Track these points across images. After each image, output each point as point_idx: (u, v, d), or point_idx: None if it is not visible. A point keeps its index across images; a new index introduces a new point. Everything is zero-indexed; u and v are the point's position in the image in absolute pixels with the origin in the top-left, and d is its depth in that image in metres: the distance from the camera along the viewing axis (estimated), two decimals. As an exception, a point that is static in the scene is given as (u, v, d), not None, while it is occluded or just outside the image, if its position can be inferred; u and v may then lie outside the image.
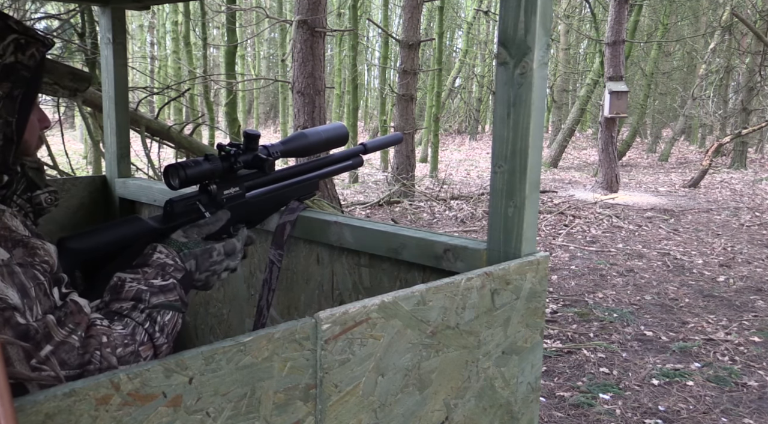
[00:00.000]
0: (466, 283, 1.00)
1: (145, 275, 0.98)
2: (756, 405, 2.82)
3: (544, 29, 1.09)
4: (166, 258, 1.03)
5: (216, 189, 1.21)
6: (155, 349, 0.93)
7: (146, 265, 1.00)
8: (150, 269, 1.00)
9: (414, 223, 7.14)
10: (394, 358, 0.91)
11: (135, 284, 0.96)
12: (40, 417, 0.60)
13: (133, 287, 0.96)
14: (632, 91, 16.74)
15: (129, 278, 0.97)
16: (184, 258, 1.06)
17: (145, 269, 1.00)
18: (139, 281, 0.97)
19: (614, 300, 4.34)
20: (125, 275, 0.98)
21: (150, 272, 0.99)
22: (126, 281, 0.97)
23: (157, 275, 0.99)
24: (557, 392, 2.92)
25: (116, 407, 0.65)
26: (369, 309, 0.86)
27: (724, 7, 14.35)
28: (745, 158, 14.26)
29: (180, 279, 1.02)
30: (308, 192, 1.48)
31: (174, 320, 0.97)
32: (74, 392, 0.62)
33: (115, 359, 0.85)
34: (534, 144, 1.13)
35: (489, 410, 1.09)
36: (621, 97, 9.05)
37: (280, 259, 1.39)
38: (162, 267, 1.01)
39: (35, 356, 0.77)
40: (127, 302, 0.94)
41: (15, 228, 0.84)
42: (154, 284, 0.98)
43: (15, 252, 0.82)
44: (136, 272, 0.99)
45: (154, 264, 1.01)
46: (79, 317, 0.85)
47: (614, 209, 8.03)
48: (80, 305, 0.86)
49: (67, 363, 0.80)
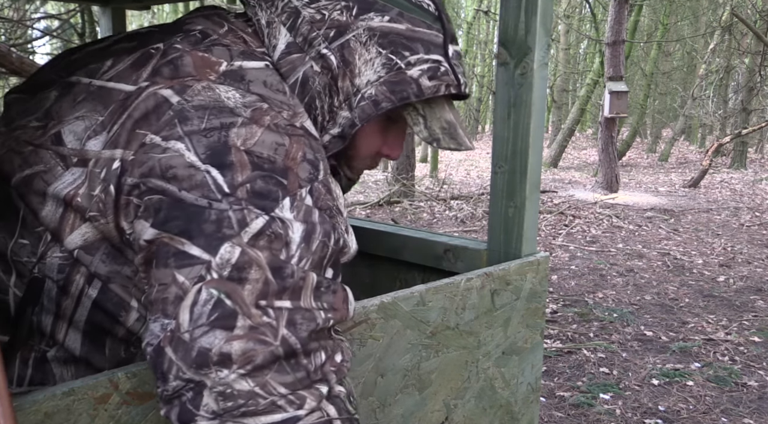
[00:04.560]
0: (466, 283, 1.00)
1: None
2: (756, 405, 2.82)
3: (545, 29, 1.09)
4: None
5: None
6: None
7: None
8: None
9: (414, 223, 7.14)
10: (393, 358, 0.91)
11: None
12: (39, 416, 0.60)
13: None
14: (632, 91, 16.74)
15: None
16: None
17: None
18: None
19: (614, 300, 4.34)
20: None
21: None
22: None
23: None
24: (557, 392, 2.92)
25: (115, 406, 0.65)
26: (368, 309, 0.86)
27: (724, 7, 14.35)
28: (745, 158, 14.27)
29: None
30: None
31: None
32: (73, 391, 0.62)
33: (326, 388, 0.67)
34: (534, 144, 1.12)
35: (489, 410, 1.09)
36: (621, 97, 9.05)
37: None
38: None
39: (269, 299, 0.64)
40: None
41: (335, 196, 0.76)
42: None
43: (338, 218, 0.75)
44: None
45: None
46: (340, 305, 0.71)
47: (614, 209, 8.03)
48: (348, 295, 0.73)
49: (296, 331, 0.65)
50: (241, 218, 0.65)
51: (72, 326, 0.75)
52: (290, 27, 0.83)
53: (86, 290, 0.74)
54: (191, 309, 0.62)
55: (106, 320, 0.75)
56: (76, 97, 0.77)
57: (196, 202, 0.66)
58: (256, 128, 0.71)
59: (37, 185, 0.74)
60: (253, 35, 0.86)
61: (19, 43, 5.54)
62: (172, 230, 0.65)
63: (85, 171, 0.72)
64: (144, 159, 0.68)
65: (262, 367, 0.63)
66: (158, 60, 0.76)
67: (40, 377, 0.76)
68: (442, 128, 0.87)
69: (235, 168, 0.67)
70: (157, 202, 0.67)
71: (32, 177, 0.74)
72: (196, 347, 0.61)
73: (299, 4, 0.84)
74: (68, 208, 0.72)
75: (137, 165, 0.69)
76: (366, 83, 0.82)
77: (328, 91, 0.83)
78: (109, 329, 0.76)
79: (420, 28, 0.84)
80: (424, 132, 0.86)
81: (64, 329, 0.75)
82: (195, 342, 0.61)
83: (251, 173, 0.68)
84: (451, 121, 0.89)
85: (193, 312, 0.62)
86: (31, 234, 0.74)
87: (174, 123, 0.70)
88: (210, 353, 0.61)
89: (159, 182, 0.67)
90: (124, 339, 0.77)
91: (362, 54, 0.82)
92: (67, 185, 0.72)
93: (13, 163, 0.76)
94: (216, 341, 0.61)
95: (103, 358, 0.77)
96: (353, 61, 0.82)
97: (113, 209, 0.70)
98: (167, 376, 0.62)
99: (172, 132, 0.69)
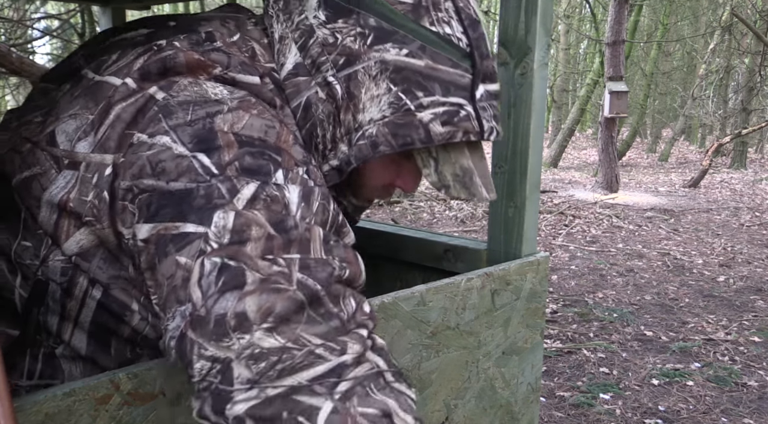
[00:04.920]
0: (467, 283, 1.00)
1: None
2: (756, 405, 2.82)
3: (545, 29, 1.09)
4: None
5: None
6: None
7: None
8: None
9: (414, 223, 7.13)
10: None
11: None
12: (39, 417, 0.60)
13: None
14: (632, 91, 16.74)
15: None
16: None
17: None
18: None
19: (614, 300, 4.34)
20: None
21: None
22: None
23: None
24: (557, 392, 2.92)
25: (116, 406, 0.65)
26: (369, 309, 0.86)
27: (724, 7, 14.35)
28: (745, 158, 14.26)
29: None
30: None
31: None
32: (74, 392, 0.62)
33: (367, 336, 0.63)
34: (534, 145, 1.12)
35: (489, 410, 1.09)
36: (621, 97, 9.04)
37: None
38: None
39: (275, 253, 0.61)
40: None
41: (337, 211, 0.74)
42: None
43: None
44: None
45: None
46: (353, 259, 0.68)
47: (614, 209, 8.03)
48: (357, 254, 0.69)
49: (313, 274, 0.62)
50: (231, 187, 0.63)
51: (77, 327, 0.75)
52: (301, 46, 0.79)
53: (90, 292, 0.74)
54: (199, 284, 0.60)
55: (111, 321, 0.75)
56: (74, 93, 0.77)
57: (184, 187, 0.64)
58: (243, 113, 0.69)
59: (35, 190, 0.73)
60: (266, 47, 0.82)
61: (19, 43, 5.55)
62: (164, 219, 0.64)
63: (76, 174, 0.71)
64: (133, 159, 0.68)
65: (286, 317, 0.58)
66: (151, 56, 0.75)
67: (50, 371, 0.75)
68: (455, 175, 0.81)
69: (222, 149, 0.66)
70: (147, 199, 0.66)
71: (30, 180, 0.74)
72: (212, 318, 0.58)
73: (315, 23, 0.79)
74: (63, 214, 0.72)
75: (127, 167, 0.68)
76: (369, 121, 0.77)
77: (331, 120, 0.78)
78: (114, 329, 0.75)
79: (442, 66, 0.77)
80: (433, 176, 0.80)
81: (69, 329, 0.75)
82: (210, 314, 0.58)
83: (239, 150, 0.66)
84: (467, 168, 0.81)
85: (201, 286, 0.60)
86: (33, 236, 0.74)
87: (159, 118, 0.69)
88: (226, 319, 0.58)
89: (150, 181, 0.66)
90: (129, 339, 0.76)
91: (369, 88, 0.76)
92: (60, 190, 0.72)
93: (14, 163, 0.76)
94: (228, 304, 0.58)
95: (108, 358, 0.77)
96: (358, 95, 0.76)
97: (108, 215, 0.70)
98: (191, 359, 0.59)
99: (158, 127, 0.68)
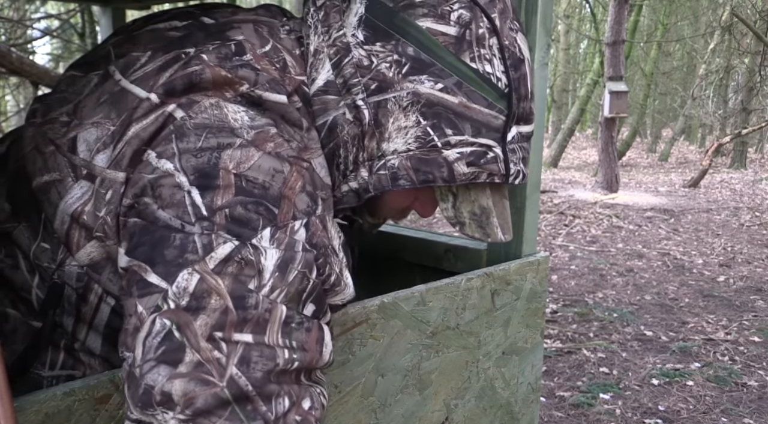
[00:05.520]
0: (467, 283, 1.00)
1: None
2: (756, 405, 2.82)
3: (545, 29, 1.09)
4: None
5: None
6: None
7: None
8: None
9: (414, 223, 7.13)
10: (393, 358, 0.91)
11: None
12: (39, 417, 0.60)
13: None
14: (632, 91, 16.73)
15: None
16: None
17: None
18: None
19: (614, 300, 4.34)
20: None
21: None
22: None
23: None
24: (557, 392, 2.92)
25: (115, 406, 0.65)
26: (369, 310, 0.86)
27: (724, 7, 14.34)
28: (745, 158, 14.26)
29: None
30: None
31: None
32: (74, 391, 0.62)
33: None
34: (534, 144, 1.12)
35: (489, 410, 1.09)
36: (621, 97, 9.04)
37: None
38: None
39: (225, 331, 0.58)
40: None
41: (331, 236, 0.71)
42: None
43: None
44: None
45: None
46: (313, 345, 0.64)
47: (614, 209, 8.03)
48: (324, 337, 0.66)
49: (248, 371, 0.58)
50: (207, 243, 0.61)
51: (92, 329, 0.75)
52: (335, 64, 0.77)
53: (105, 298, 0.74)
54: (144, 342, 0.58)
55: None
56: (100, 97, 0.75)
57: (169, 222, 0.62)
58: (254, 152, 0.66)
59: (53, 196, 0.73)
60: (297, 59, 0.80)
61: (19, 43, 5.55)
62: (139, 257, 0.62)
63: (92, 188, 0.71)
64: (137, 179, 0.67)
65: (206, 412, 0.56)
66: (177, 69, 0.72)
67: (72, 362, 0.76)
68: (472, 213, 0.80)
69: (217, 191, 0.63)
70: (132, 226, 0.65)
71: (49, 185, 0.74)
72: (143, 384, 0.57)
73: (353, 41, 0.77)
74: (74, 225, 0.71)
75: (132, 184, 0.68)
76: (392, 151, 0.76)
77: (356, 142, 0.77)
78: None
79: (476, 105, 0.76)
80: (449, 212, 0.80)
81: (84, 331, 0.76)
82: (142, 378, 0.57)
83: (233, 198, 0.63)
84: (485, 208, 0.80)
85: (144, 345, 0.58)
86: (51, 240, 0.74)
87: (171, 138, 0.68)
88: (153, 392, 0.56)
89: (147, 199, 0.65)
90: None
91: (398, 119, 0.75)
92: (75, 200, 0.71)
93: (36, 164, 0.75)
94: (159, 379, 0.56)
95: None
96: (385, 124, 0.75)
97: (115, 232, 0.70)
98: (125, 414, 0.59)
99: (167, 148, 0.67)
